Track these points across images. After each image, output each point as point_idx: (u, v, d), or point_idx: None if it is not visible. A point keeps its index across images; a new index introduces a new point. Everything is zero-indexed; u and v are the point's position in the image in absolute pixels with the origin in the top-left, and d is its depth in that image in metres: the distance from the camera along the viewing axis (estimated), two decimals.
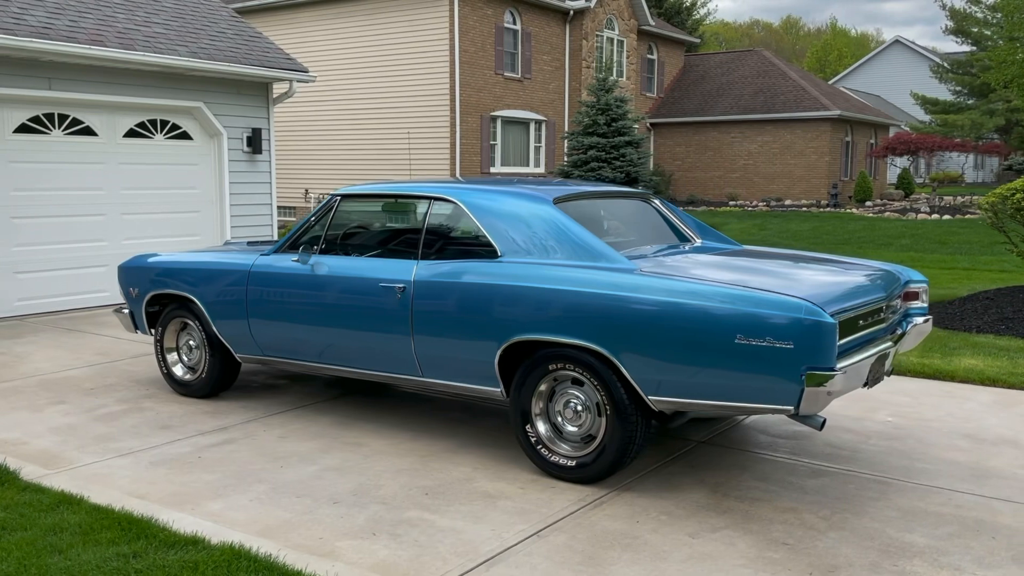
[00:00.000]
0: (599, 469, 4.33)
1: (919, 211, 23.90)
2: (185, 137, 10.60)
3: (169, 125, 10.40)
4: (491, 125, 22.97)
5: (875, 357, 4.12)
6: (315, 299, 5.24)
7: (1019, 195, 8.67)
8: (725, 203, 28.46)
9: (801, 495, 4.32)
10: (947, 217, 22.47)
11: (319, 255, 5.35)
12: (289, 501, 4.22)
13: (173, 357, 6.19)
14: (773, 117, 28.12)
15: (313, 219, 5.47)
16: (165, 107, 10.25)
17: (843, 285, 4.29)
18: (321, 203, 5.46)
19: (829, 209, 26.08)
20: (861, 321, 4.18)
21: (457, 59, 21.38)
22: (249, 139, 11.04)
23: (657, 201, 5.74)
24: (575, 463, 4.40)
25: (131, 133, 10.03)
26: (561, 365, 4.39)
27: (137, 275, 6.25)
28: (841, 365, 3.79)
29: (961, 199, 28.15)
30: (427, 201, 5.08)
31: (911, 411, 5.83)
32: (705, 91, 30.46)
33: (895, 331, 4.69)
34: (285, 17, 23.69)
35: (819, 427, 4.04)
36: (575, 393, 4.42)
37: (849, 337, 4.04)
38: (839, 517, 4.04)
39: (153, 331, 6.29)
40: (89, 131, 9.64)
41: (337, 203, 5.44)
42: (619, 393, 4.21)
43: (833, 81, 47.92)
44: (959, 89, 38.77)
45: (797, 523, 3.97)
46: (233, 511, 4.10)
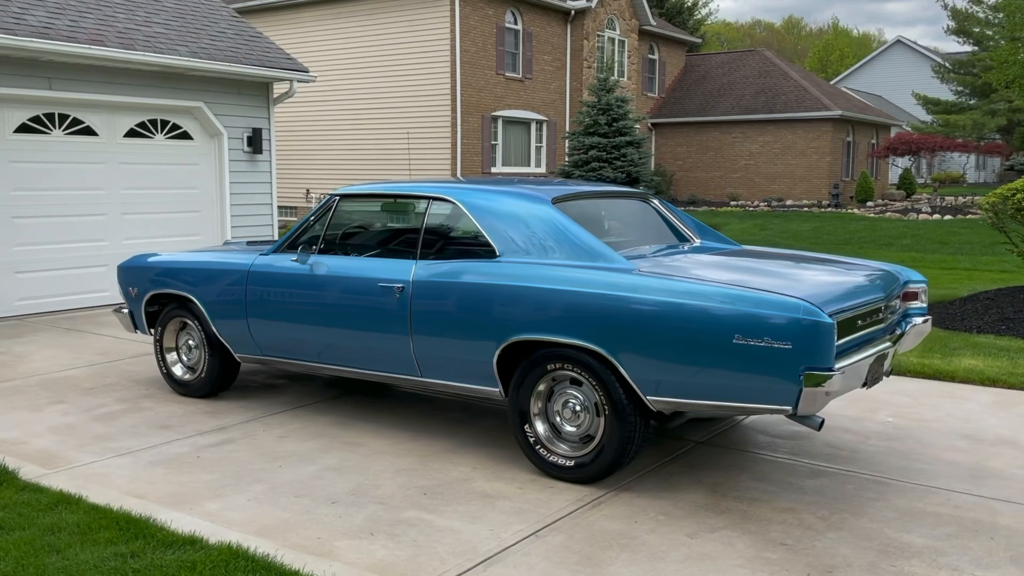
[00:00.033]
0: (597, 469, 4.33)
1: (920, 211, 23.89)
2: (185, 137, 10.61)
3: (169, 125, 10.41)
4: (492, 125, 22.97)
5: (874, 357, 4.12)
6: (314, 299, 5.24)
7: (1020, 195, 8.66)
8: (726, 203, 28.45)
9: (800, 495, 4.31)
10: (948, 217, 22.45)
11: (318, 255, 5.35)
12: (287, 501, 4.22)
13: (172, 357, 6.20)
14: (774, 117, 28.11)
15: (312, 219, 5.47)
16: (165, 107, 10.26)
17: (841, 285, 4.29)
18: (320, 203, 5.46)
19: (830, 209, 26.06)
20: (860, 321, 4.17)
21: (458, 59, 21.39)
22: (249, 139, 11.05)
23: (656, 201, 5.73)
24: (573, 463, 4.40)
25: (131, 133, 10.04)
26: (559, 365, 4.39)
27: (136, 275, 6.25)
28: (839, 365, 3.79)
29: (963, 199, 28.12)
30: (426, 201, 5.08)
31: (911, 411, 5.82)
32: (706, 91, 30.45)
33: (894, 331, 4.68)
34: (286, 17, 23.71)
35: (817, 427, 4.03)
36: (573, 393, 4.42)
37: (847, 337, 4.04)
38: (838, 517, 4.04)
39: (152, 331, 6.30)
40: (89, 131, 9.65)
41: (336, 203, 5.44)
42: (617, 393, 4.20)
43: (835, 81, 47.89)
44: (961, 89, 38.75)
45: (795, 523, 3.97)
46: (231, 511, 4.10)
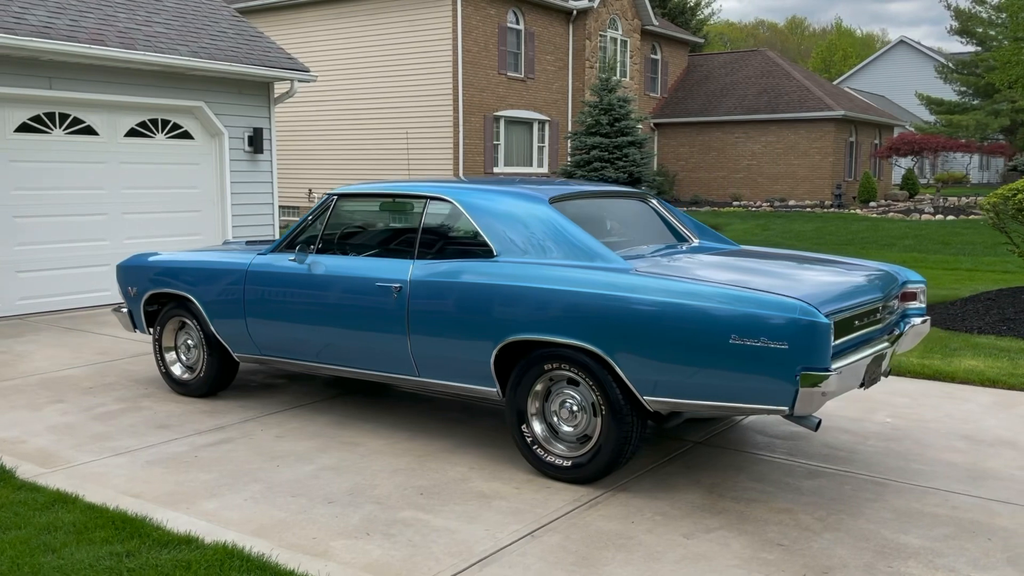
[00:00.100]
0: (595, 469, 4.32)
1: (923, 212, 23.84)
2: (186, 136, 10.61)
3: (170, 124, 10.41)
4: (494, 125, 22.96)
5: (871, 358, 4.11)
6: (312, 299, 5.24)
7: (1020, 195, 8.64)
8: (729, 203, 28.42)
9: (797, 496, 4.30)
10: (951, 218, 22.41)
11: (316, 255, 5.35)
12: (284, 500, 4.22)
13: (171, 356, 6.20)
14: (777, 117, 28.08)
15: (310, 218, 5.47)
16: (166, 106, 10.26)
17: (839, 285, 4.28)
18: (318, 202, 5.46)
19: (833, 210, 26.03)
20: (857, 321, 4.16)
21: (460, 59, 21.38)
22: (250, 139, 11.05)
23: (655, 201, 5.72)
24: (571, 463, 4.39)
25: (132, 132, 10.05)
26: (557, 365, 4.38)
27: (136, 274, 6.26)
28: (836, 365, 3.78)
29: (965, 200, 28.06)
30: (423, 200, 5.08)
31: (910, 412, 5.81)
32: (709, 91, 30.43)
33: (892, 332, 4.67)
34: (286, 17, 23.72)
35: (814, 428, 4.02)
36: (571, 393, 4.41)
37: (845, 337, 4.03)
38: (835, 518, 4.03)
39: (151, 330, 6.30)
40: (90, 130, 9.66)
41: (333, 203, 5.44)
42: (615, 393, 4.20)
43: (838, 81, 47.84)
44: (964, 89, 38.64)
45: (792, 524, 3.96)
46: (228, 510, 4.10)
